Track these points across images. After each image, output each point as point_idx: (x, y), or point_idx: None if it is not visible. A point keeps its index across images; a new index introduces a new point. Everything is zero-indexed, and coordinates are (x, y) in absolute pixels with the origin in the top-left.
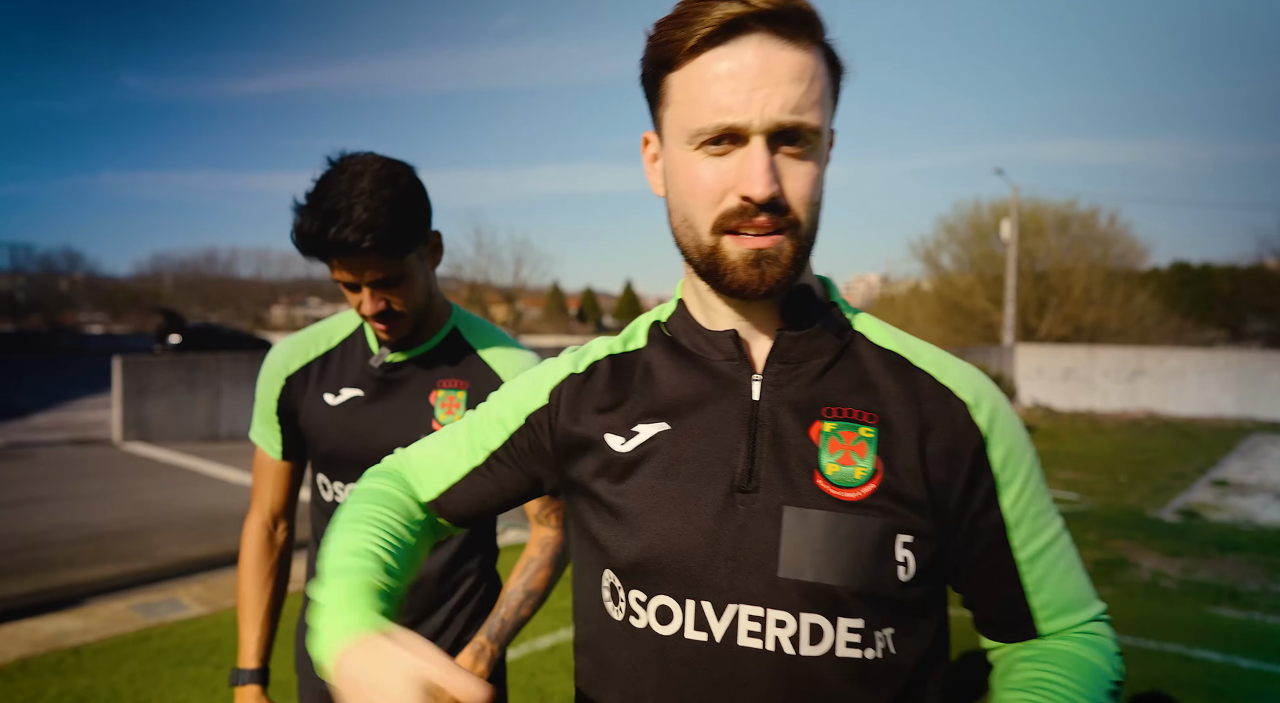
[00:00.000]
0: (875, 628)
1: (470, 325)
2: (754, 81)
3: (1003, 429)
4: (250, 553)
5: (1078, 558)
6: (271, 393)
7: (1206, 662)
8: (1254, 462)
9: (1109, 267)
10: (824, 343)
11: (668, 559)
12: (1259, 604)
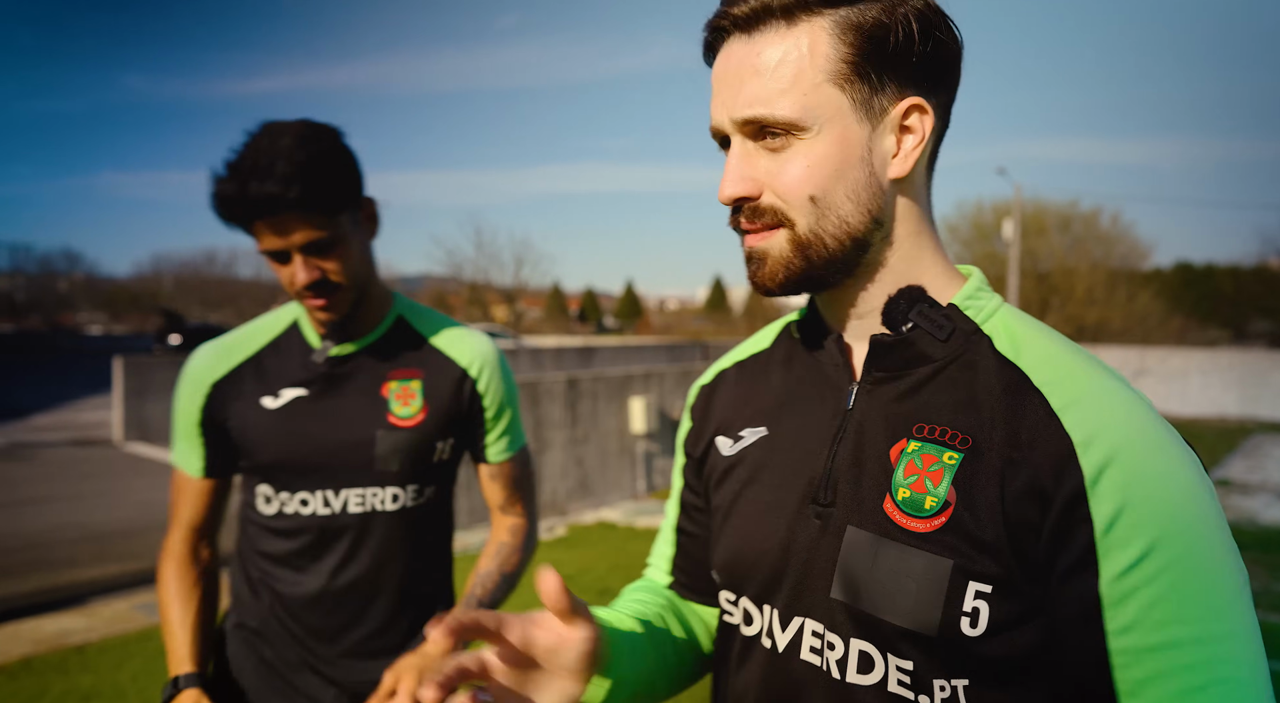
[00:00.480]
0: (933, 675)
1: (416, 312)
2: (719, 84)
3: (1127, 482)
4: (170, 569)
5: (1254, 680)
6: (194, 404)
7: None
8: (1256, 462)
9: (1111, 267)
10: (930, 349)
11: (747, 564)
12: (1260, 603)
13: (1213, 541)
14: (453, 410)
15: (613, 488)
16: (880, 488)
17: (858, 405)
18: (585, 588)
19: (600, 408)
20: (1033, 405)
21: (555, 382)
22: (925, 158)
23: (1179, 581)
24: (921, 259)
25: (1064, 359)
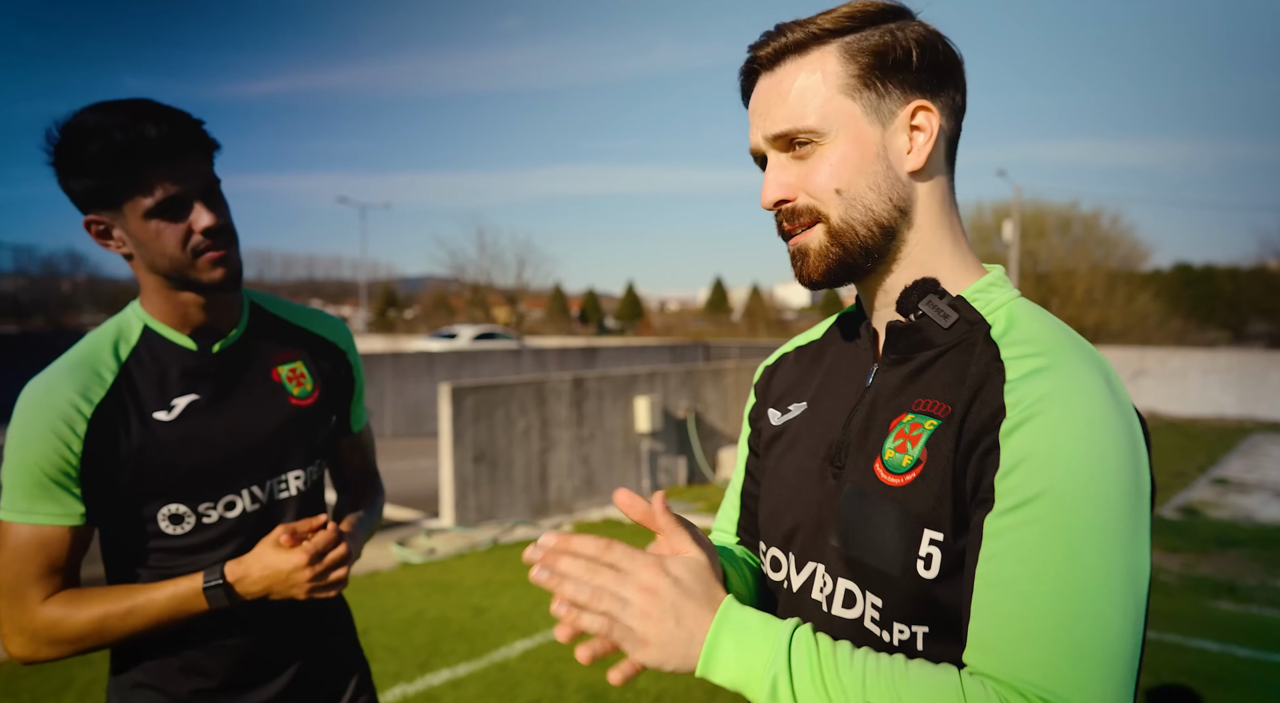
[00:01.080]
0: (894, 616)
1: (265, 298)
2: (753, 114)
3: (1044, 427)
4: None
5: (1086, 629)
6: (72, 440)
7: (1203, 651)
8: (1254, 460)
9: (1111, 268)
10: (935, 336)
11: (779, 518)
12: (1257, 598)
13: (1099, 507)
14: (335, 386)
15: (618, 486)
16: (874, 452)
17: (874, 384)
18: None
19: (606, 407)
20: (995, 379)
21: (561, 381)
22: (940, 152)
23: (1050, 530)
24: (941, 250)
25: (1043, 341)
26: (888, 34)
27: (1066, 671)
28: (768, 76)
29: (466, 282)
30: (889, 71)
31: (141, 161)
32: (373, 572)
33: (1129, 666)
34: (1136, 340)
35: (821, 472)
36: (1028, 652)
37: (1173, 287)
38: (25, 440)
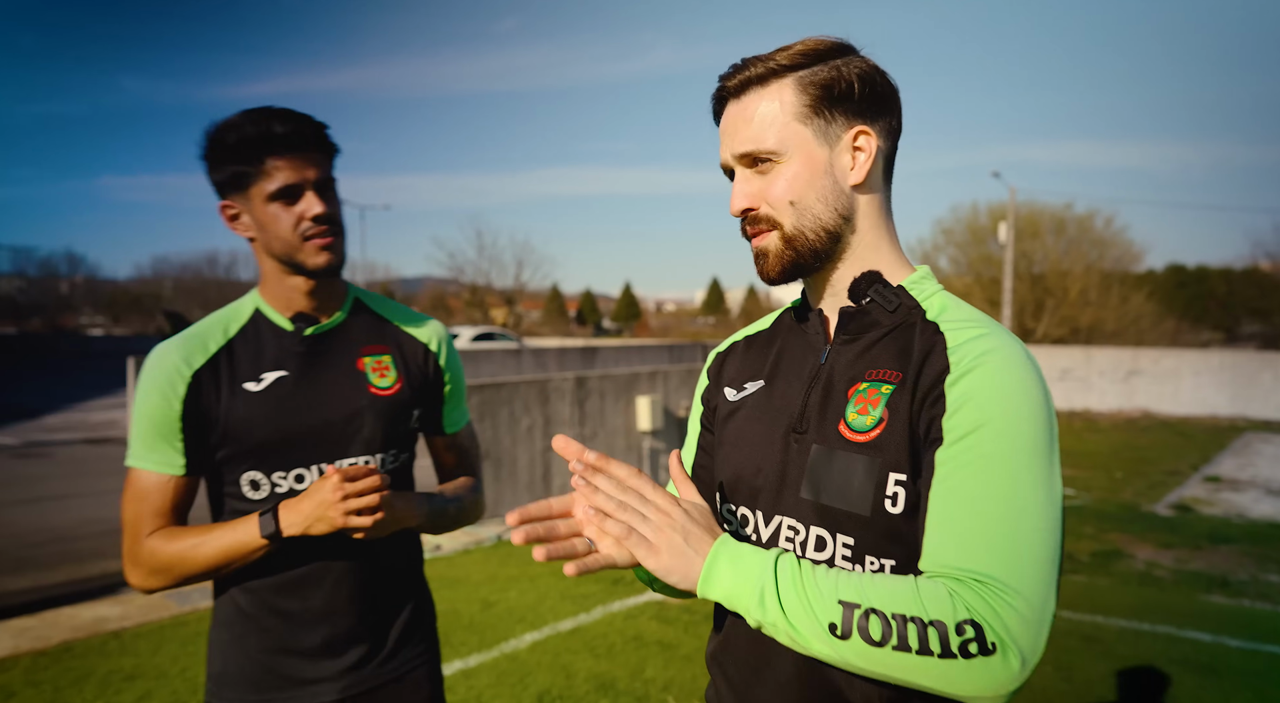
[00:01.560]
0: (866, 550)
1: (370, 297)
2: (723, 134)
3: (978, 378)
4: (159, 534)
5: (1014, 527)
6: (174, 397)
7: (1196, 642)
8: (1246, 459)
9: (1105, 269)
10: (881, 318)
11: (746, 479)
12: (1248, 592)
13: (1029, 442)
14: (420, 383)
15: None
16: (838, 416)
17: (829, 360)
18: (601, 576)
19: (607, 406)
20: (939, 348)
21: (564, 380)
22: (878, 168)
23: (989, 455)
24: (880, 249)
25: (975, 317)
26: (834, 69)
27: (1002, 559)
28: (735, 103)
29: (465, 283)
30: (835, 101)
31: (266, 152)
32: None
33: (1052, 557)
34: (1130, 341)
35: (785, 438)
36: (971, 548)
37: (1166, 288)
38: (142, 396)
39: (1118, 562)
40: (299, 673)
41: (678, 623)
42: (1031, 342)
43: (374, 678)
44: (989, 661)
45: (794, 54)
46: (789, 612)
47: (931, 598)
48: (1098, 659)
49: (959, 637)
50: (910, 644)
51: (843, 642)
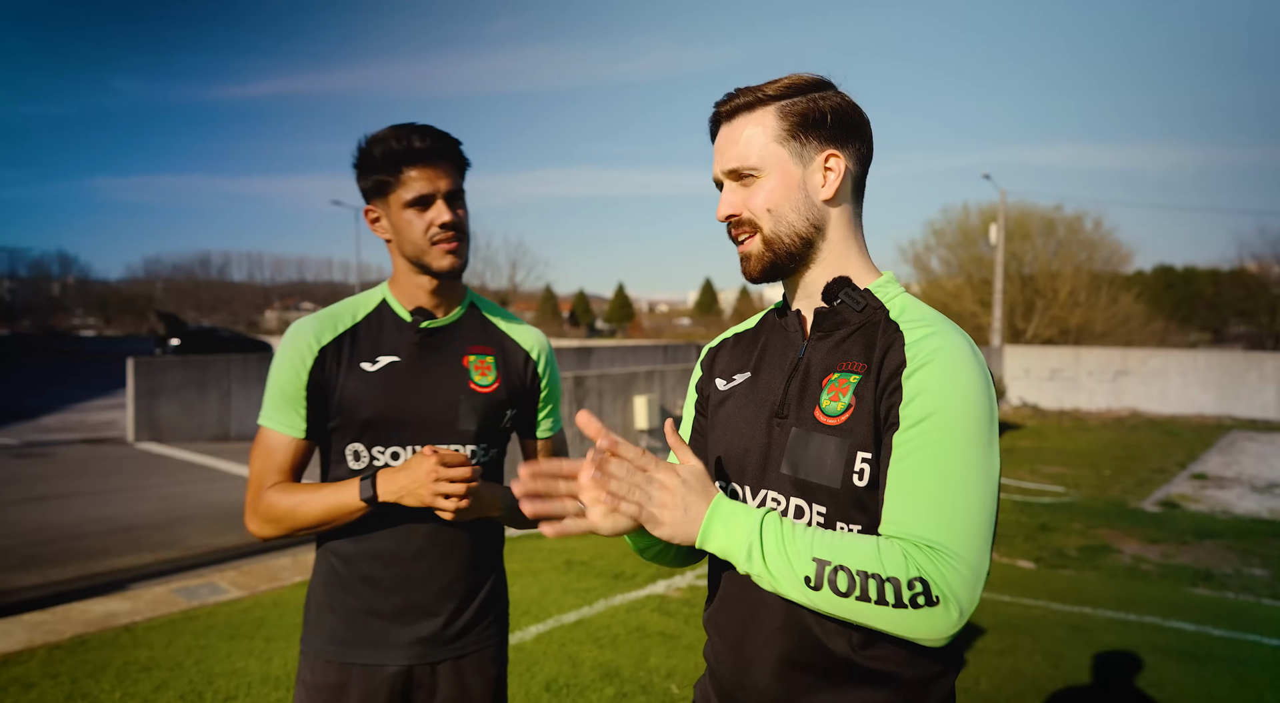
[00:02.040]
0: (837, 517)
1: (483, 303)
2: (716, 152)
3: (931, 372)
4: (277, 488)
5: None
6: (302, 367)
7: (1180, 631)
8: (1231, 457)
9: (1094, 270)
10: (851, 317)
11: (735, 458)
12: (1231, 585)
13: (972, 428)
14: (518, 386)
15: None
16: (813, 402)
17: (806, 354)
18: (602, 571)
19: (605, 405)
20: (898, 343)
21: (562, 380)
22: (846, 186)
23: (939, 439)
24: (849, 256)
25: (928, 318)
26: (812, 101)
27: (948, 528)
28: (726, 125)
29: None
30: (810, 128)
31: (405, 163)
32: None
33: (988, 525)
34: (1119, 341)
35: (769, 422)
36: (921, 517)
37: (1154, 289)
38: (277, 365)
39: (1105, 556)
40: (377, 636)
41: (679, 615)
42: (1022, 342)
43: (441, 652)
44: (934, 611)
45: (779, 87)
46: (771, 565)
47: (890, 558)
48: (1085, 648)
49: (910, 591)
50: (870, 596)
51: (815, 592)
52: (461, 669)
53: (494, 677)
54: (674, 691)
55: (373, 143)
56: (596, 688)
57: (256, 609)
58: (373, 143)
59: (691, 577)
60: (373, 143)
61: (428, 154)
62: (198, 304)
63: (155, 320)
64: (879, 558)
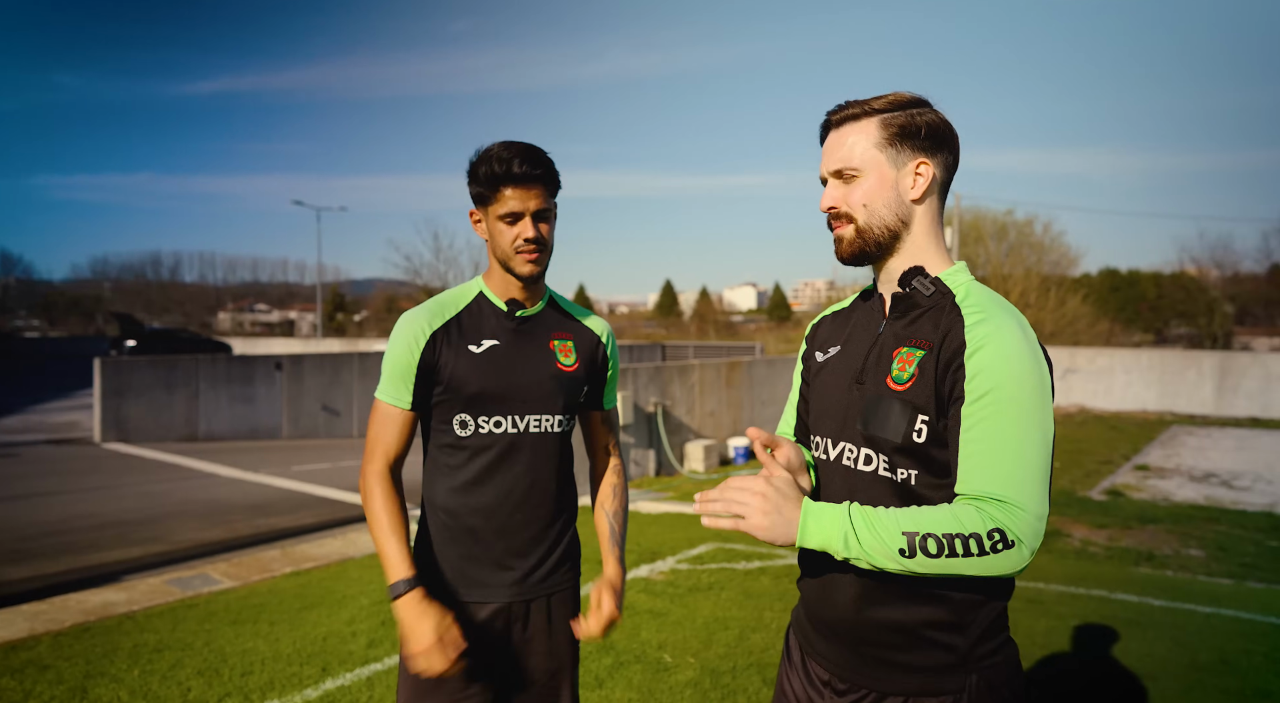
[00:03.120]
0: (899, 466)
1: (560, 298)
2: (825, 153)
3: (989, 353)
4: (380, 490)
5: (1021, 461)
6: (416, 348)
7: (1124, 602)
8: (1172, 449)
9: (1044, 272)
10: (922, 300)
11: (820, 417)
12: (1170, 564)
13: (1026, 399)
14: (592, 366)
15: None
16: (885, 372)
17: (884, 332)
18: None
19: None
20: (958, 326)
21: None
22: (933, 190)
23: (999, 410)
24: (928, 248)
25: (986, 304)
26: (909, 116)
27: (1013, 485)
28: (835, 132)
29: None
30: (905, 138)
31: (504, 183)
32: (371, 554)
33: (1045, 480)
34: (1067, 341)
35: (850, 386)
36: (991, 477)
37: (1100, 291)
38: (393, 346)
39: (1057, 541)
40: (482, 577)
41: (664, 596)
42: None
43: (533, 591)
44: (1010, 553)
45: (884, 102)
46: (866, 547)
47: (966, 517)
48: (1039, 617)
49: (989, 541)
50: (958, 552)
51: (910, 560)
52: (549, 606)
53: (573, 612)
54: (667, 659)
55: (483, 160)
56: (595, 659)
57: (254, 597)
58: (483, 160)
59: (673, 561)
60: (483, 160)
61: (524, 178)
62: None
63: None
64: (956, 520)
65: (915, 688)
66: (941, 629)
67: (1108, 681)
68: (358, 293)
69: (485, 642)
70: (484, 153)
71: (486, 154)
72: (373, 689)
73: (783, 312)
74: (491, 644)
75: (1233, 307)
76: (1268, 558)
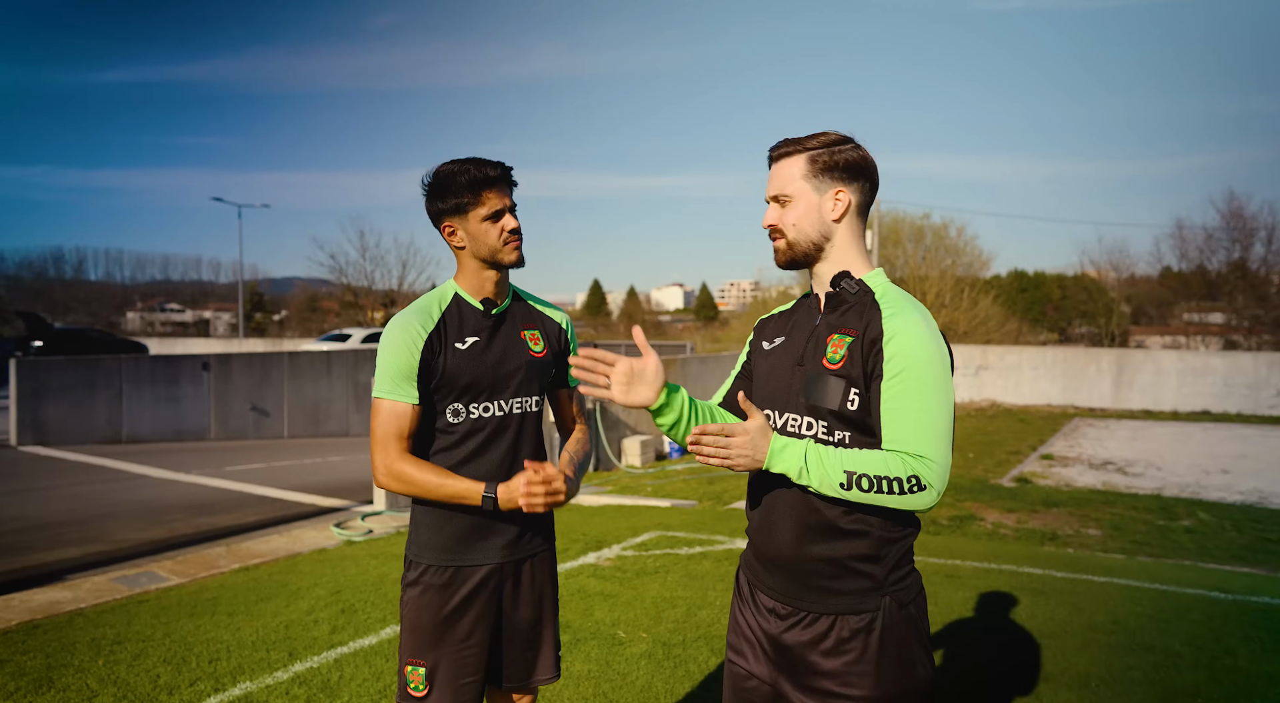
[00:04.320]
0: (834, 429)
1: (521, 292)
2: (769, 181)
3: (902, 340)
4: (409, 463)
5: (931, 424)
6: (415, 350)
7: (1031, 575)
8: (1074, 440)
9: (958, 274)
10: (848, 297)
11: (768, 394)
12: (1072, 543)
13: (931, 376)
14: (557, 350)
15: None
16: (821, 354)
17: (819, 324)
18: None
19: None
20: (878, 318)
21: None
22: (850, 212)
23: (911, 385)
24: (851, 257)
25: (898, 301)
26: (831, 153)
27: (924, 442)
28: (775, 164)
29: (339, 284)
30: (827, 171)
31: (483, 188)
32: (320, 550)
33: (948, 435)
34: (980, 339)
35: (793, 368)
36: (908, 437)
37: (1009, 292)
38: (391, 350)
39: (971, 524)
40: (477, 544)
41: (613, 580)
42: None
43: (518, 553)
44: (922, 494)
45: (814, 142)
46: (814, 476)
47: (893, 464)
48: (957, 590)
49: (909, 484)
50: (884, 490)
51: (847, 492)
52: (533, 566)
53: (551, 571)
54: (621, 635)
55: (457, 173)
56: None
57: (205, 592)
58: (457, 173)
59: (619, 549)
60: (457, 173)
61: (497, 180)
62: (50, 305)
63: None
64: (886, 465)
65: (843, 608)
66: (863, 561)
67: (1016, 641)
68: (276, 292)
69: (482, 598)
70: (450, 169)
71: (458, 168)
72: (341, 670)
73: (710, 311)
74: (487, 600)
75: (1129, 307)
76: (1155, 536)
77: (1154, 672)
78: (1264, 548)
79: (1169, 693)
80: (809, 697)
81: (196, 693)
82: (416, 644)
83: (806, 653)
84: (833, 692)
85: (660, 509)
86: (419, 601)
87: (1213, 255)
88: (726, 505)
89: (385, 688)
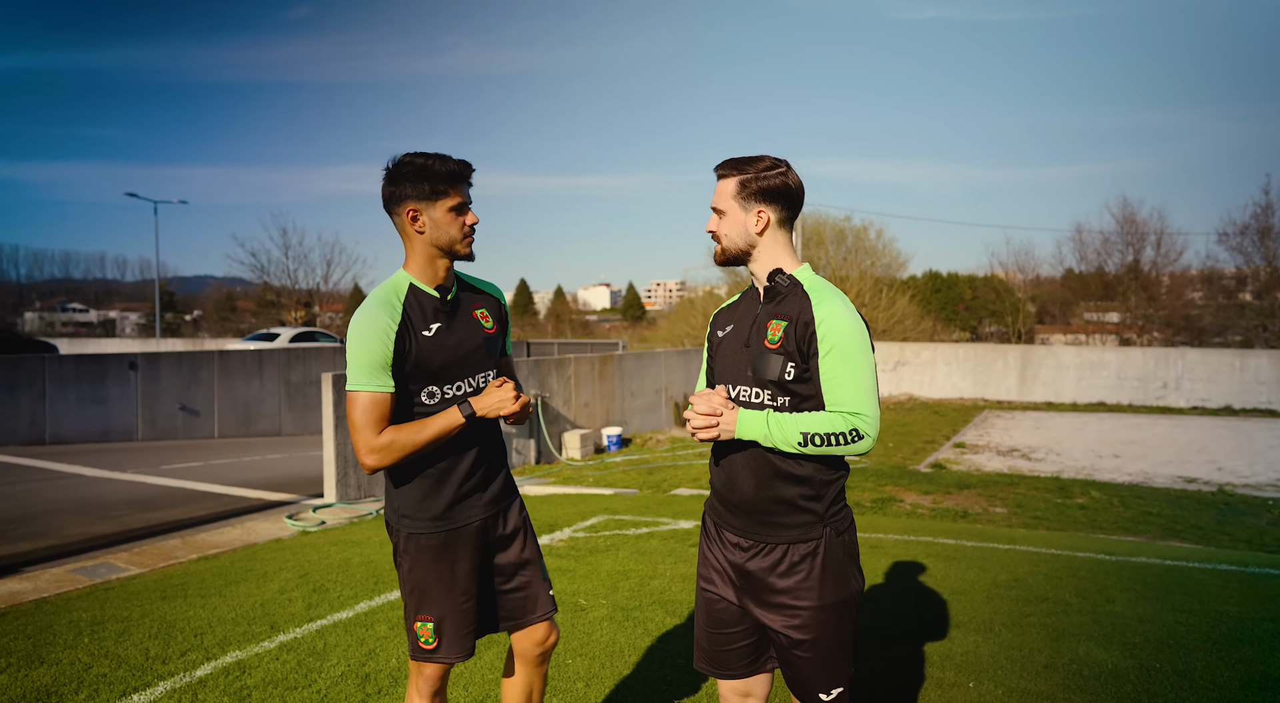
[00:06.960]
0: (776, 396)
1: (464, 275)
2: (714, 195)
3: (829, 324)
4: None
5: (861, 387)
6: (388, 341)
7: (944, 544)
8: (983, 430)
9: (877, 274)
10: (782, 289)
11: (723, 372)
12: (981, 519)
13: (856, 349)
14: (501, 323)
15: None
16: (763, 336)
17: (760, 313)
18: None
19: None
20: (808, 305)
21: None
22: (772, 226)
23: (842, 358)
24: (778, 258)
25: (823, 290)
26: (760, 177)
27: (857, 402)
28: (718, 181)
29: (257, 283)
30: (753, 192)
31: (455, 181)
32: (277, 540)
33: (874, 394)
34: (897, 337)
35: (741, 349)
36: (845, 399)
37: (925, 292)
38: (364, 343)
39: (892, 505)
40: (460, 502)
41: (568, 557)
42: None
43: (493, 507)
44: (861, 441)
45: (749, 167)
46: (776, 438)
47: (837, 422)
48: (881, 558)
49: (850, 436)
50: (832, 443)
51: (804, 448)
52: (510, 512)
53: (524, 513)
54: (582, 603)
55: (432, 164)
56: None
57: (170, 579)
58: (432, 164)
59: (570, 532)
60: (432, 164)
61: (466, 176)
62: None
63: None
64: (831, 423)
65: (794, 538)
66: (808, 500)
67: (930, 597)
68: (186, 291)
69: (476, 548)
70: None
71: (435, 159)
72: (325, 639)
73: (637, 311)
74: (480, 550)
75: (1034, 306)
76: (1053, 512)
77: (1047, 617)
78: (1145, 521)
79: (1059, 633)
80: (769, 610)
81: (189, 662)
82: (420, 602)
83: (766, 576)
84: (787, 605)
85: (605, 497)
86: (418, 562)
87: (1109, 258)
88: (666, 492)
89: (371, 652)
